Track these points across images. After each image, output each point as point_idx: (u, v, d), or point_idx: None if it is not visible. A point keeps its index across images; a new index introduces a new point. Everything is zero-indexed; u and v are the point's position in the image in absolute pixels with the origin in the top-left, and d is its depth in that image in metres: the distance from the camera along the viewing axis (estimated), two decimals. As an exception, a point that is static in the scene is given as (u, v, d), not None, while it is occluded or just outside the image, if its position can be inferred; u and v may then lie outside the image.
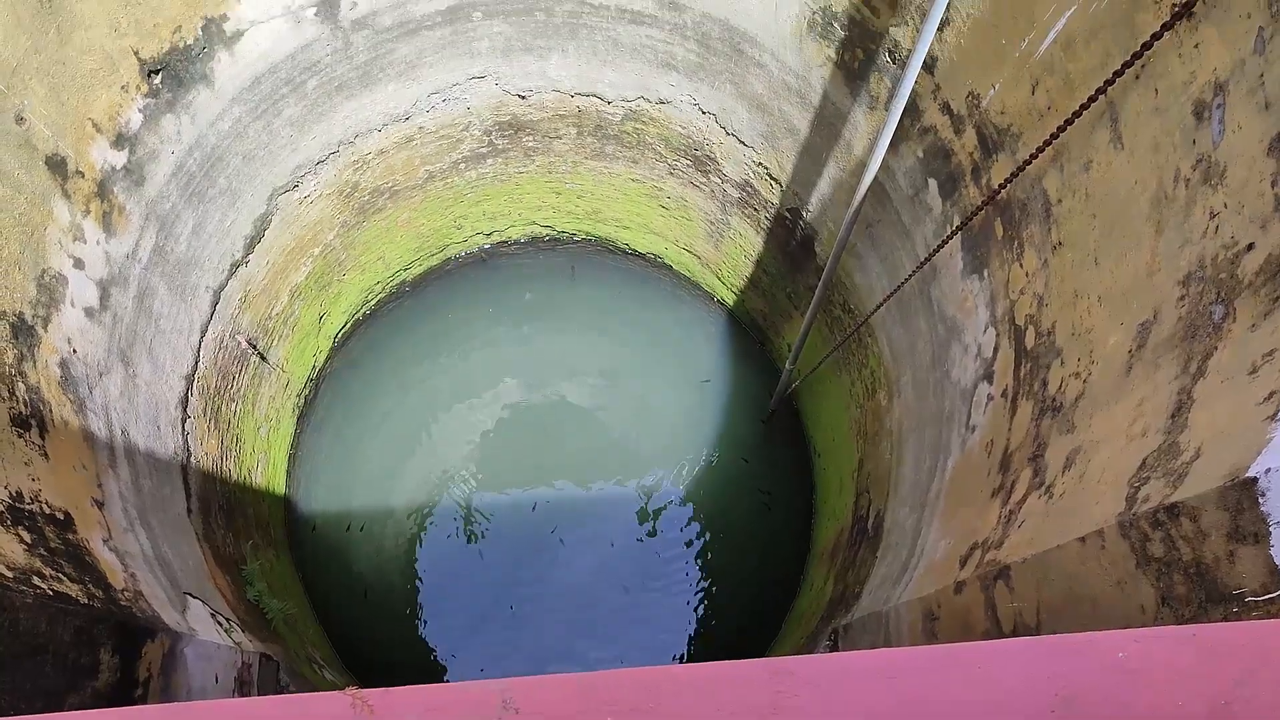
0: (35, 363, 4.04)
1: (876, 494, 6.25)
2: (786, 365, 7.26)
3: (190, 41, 4.70)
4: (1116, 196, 3.29)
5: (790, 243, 6.90)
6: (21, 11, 3.72)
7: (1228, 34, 2.71)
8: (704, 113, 6.40)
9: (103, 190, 4.52)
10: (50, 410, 4.07)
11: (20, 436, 3.76)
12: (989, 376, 4.37)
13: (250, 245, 6.16)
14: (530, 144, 7.30)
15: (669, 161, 7.20)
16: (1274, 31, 2.51)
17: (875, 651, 1.47)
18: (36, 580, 3.29)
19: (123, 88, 4.43)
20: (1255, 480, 2.04)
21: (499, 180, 7.79)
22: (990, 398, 4.31)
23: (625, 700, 1.39)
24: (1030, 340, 3.95)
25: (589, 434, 8.48)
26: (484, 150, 7.25)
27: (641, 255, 8.85)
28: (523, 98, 6.65)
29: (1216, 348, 2.56)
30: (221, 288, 6.01)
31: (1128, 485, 2.69)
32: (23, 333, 3.96)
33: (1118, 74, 3.11)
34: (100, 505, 4.26)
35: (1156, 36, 2.92)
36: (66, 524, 3.82)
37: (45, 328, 4.15)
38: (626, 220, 8.41)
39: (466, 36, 5.87)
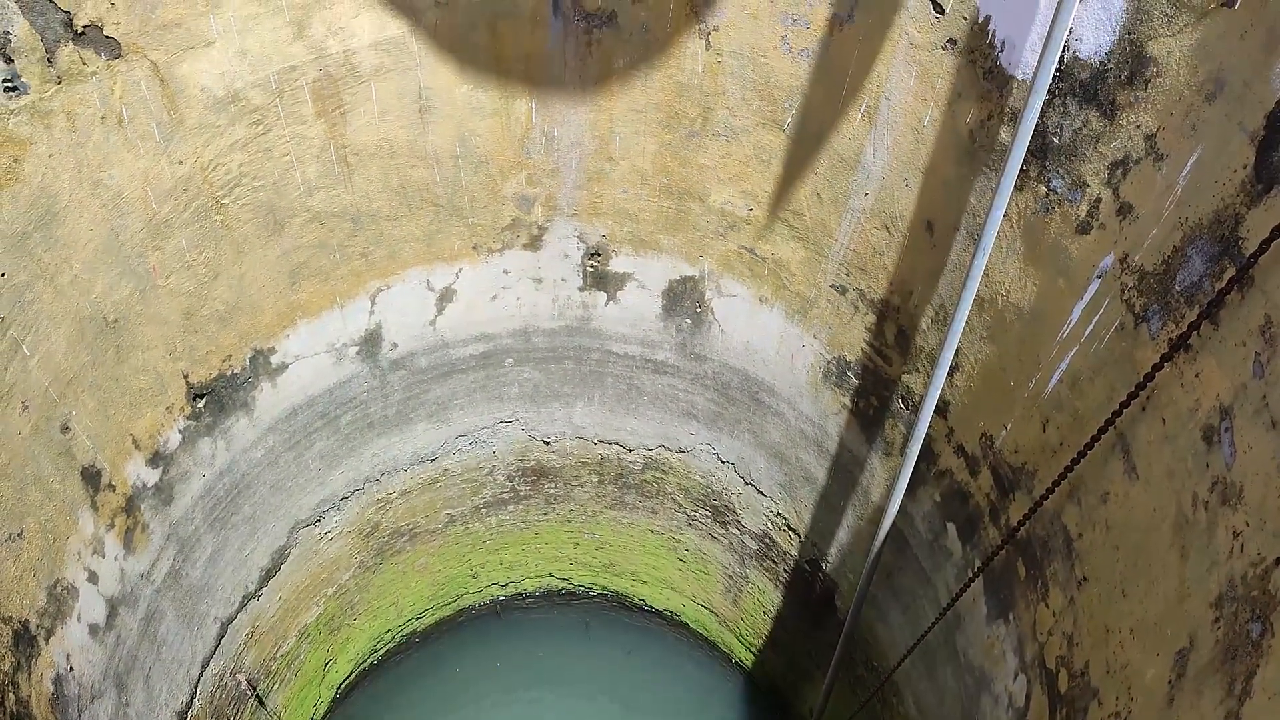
0: (30, 675, 3.90)
1: None
2: (808, 732, 6.90)
3: (237, 370, 4.97)
4: (1137, 526, 3.29)
5: (810, 596, 6.79)
6: (87, 329, 3.99)
7: (1225, 362, 2.84)
8: (723, 462, 6.55)
9: (130, 506, 4.59)
10: (35, 727, 3.88)
11: (0, 751, 3.57)
12: (1024, 727, 4.14)
13: (265, 578, 6.12)
14: (552, 491, 7.42)
15: (688, 512, 7.28)
16: (1270, 355, 2.63)
17: None
18: None
19: (167, 408, 4.63)
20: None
21: (519, 527, 7.84)
22: (1027, 750, 4.06)
23: None
24: (1064, 684, 3.78)
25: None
26: (506, 496, 7.37)
27: (658, 613, 8.69)
28: (547, 444, 6.86)
29: (1259, 665, 2.45)
30: (230, 620, 5.90)
31: (1184, 822, 2.48)
32: (24, 642, 3.87)
33: (1124, 405, 3.23)
34: (67, 840, 3.95)
35: (1157, 368, 3.06)
36: None
37: (47, 640, 4.05)
38: (644, 574, 8.34)
39: (498, 381, 6.18)
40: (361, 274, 5.24)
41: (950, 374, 4.48)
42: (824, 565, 6.41)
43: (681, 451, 6.71)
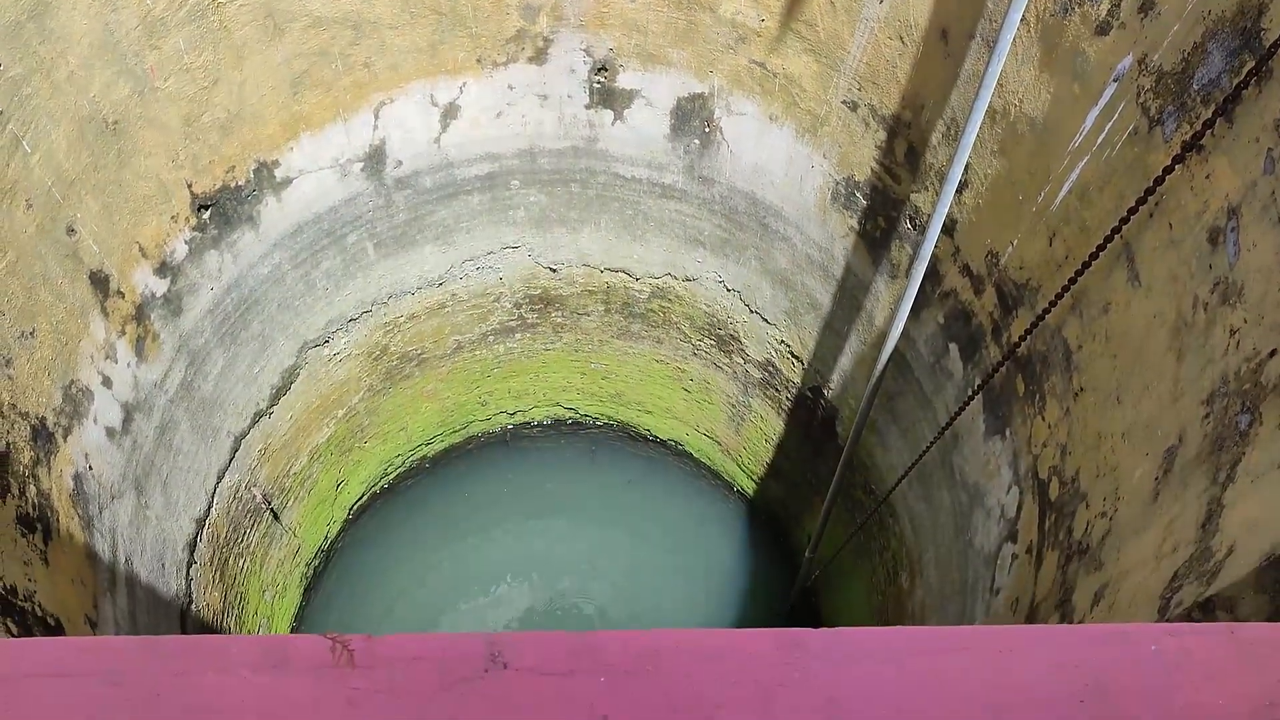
0: (50, 470, 4.02)
1: (897, 683, 5.96)
2: (806, 554, 7.11)
3: (242, 182, 4.94)
4: (1136, 333, 3.31)
5: (811, 424, 6.90)
6: (87, 130, 3.95)
7: (1237, 161, 2.80)
8: (729, 290, 6.56)
9: (140, 314, 4.63)
10: (58, 519, 4.02)
11: (24, 536, 3.70)
12: (1013, 536, 4.26)
13: (276, 397, 6.23)
14: (559, 320, 7.46)
15: (693, 342, 7.33)
16: (1282, 149, 2.59)
17: (893, 629, 1.38)
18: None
19: (172, 218, 4.63)
20: (1292, 555, 1.96)
21: (526, 356, 7.92)
22: (1014, 556, 4.19)
23: (621, 663, 1.31)
24: (1055, 491, 3.87)
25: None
26: (513, 324, 7.42)
27: (663, 442, 8.86)
28: (554, 270, 6.86)
29: (1244, 453, 2.50)
30: (243, 435, 6.04)
31: (1159, 599, 2.57)
32: (42, 437, 3.97)
33: (1132, 211, 3.20)
34: (93, 625, 4.14)
35: (1168, 170, 3.02)
36: (56, 630, 3.69)
37: (65, 438, 4.16)
38: (649, 404, 8.47)
39: (504, 204, 6.13)
40: (364, 85, 5.14)
41: (959, 191, 4.43)
42: (826, 392, 6.49)
43: (688, 280, 6.71)
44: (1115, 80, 3.39)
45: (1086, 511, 3.51)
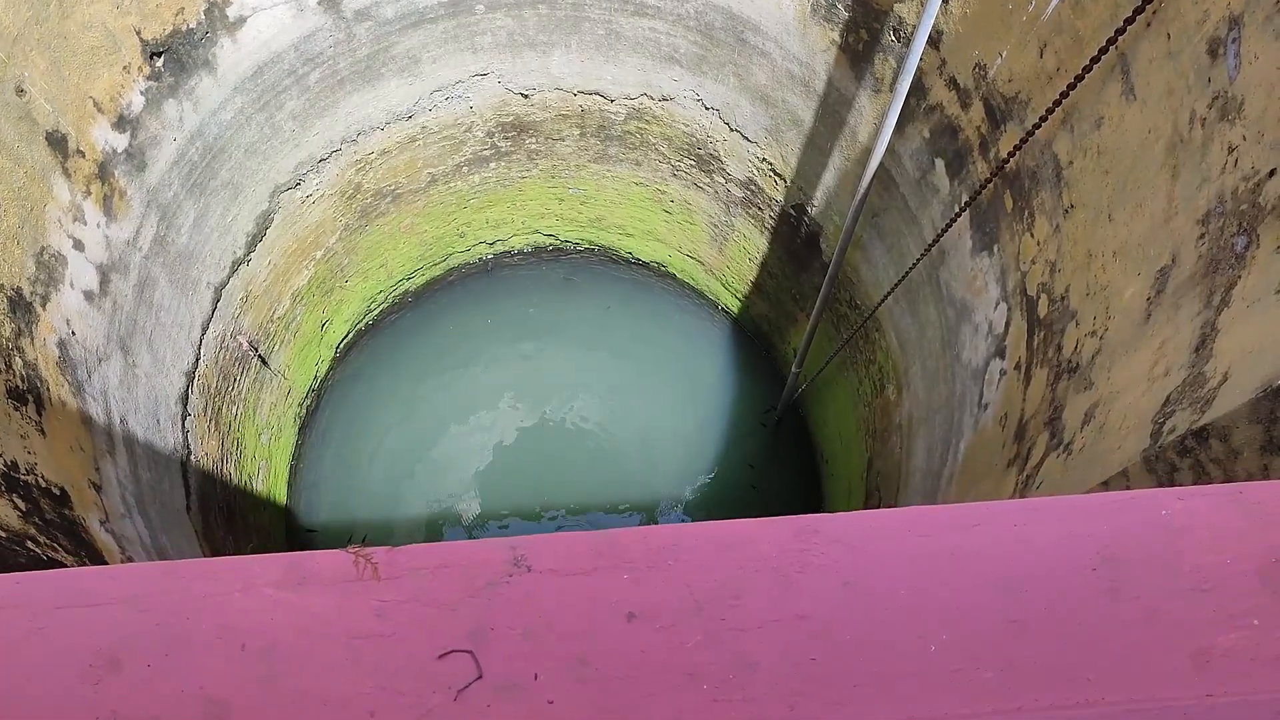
0: (33, 339, 3.98)
1: (887, 491, 6.16)
2: (793, 369, 7.20)
3: (193, 25, 4.69)
4: (1129, 149, 3.24)
5: (795, 241, 6.86)
6: (22, -20, 3.71)
7: (1242, -34, 2.67)
8: (707, 108, 6.38)
9: (103, 172, 4.48)
10: (48, 388, 4.00)
11: (17, 410, 3.70)
12: (1001, 352, 4.30)
13: (252, 243, 6.12)
14: (533, 146, 7.28)
15: (672, 163, 7.18)
16: (1291, -45, 2.47)
17: (906, 509, 1.40)
18: (31, 545, 3.21)
19: (125, 68, 4.41)
20: (1289, 386, 1.98)
21: (502, 185, 7.77)
22: (1003, 372, 4.25)
23: (642, 558, 1.32)
24: (1044, 309, 3.88)
25: (592, 453, 8.39)
26: (487, 153, 7.24)
27: (645, 264, 8.82)
28: (525, 96, 6.64)
29: (1240, 277, 2.49)
30: (223, 285, 5.96)
31: (1151, 423, 2.62)
32: (20, 308, 3.91)
33: (1129, 21, 3.08)
34: (98, 488, 4.19)
35: (1169, -23, 2.89)
36: (63, 500, 3.74)
37: (44, 306, 4.10)
38: (630, 227, 8.38)
39: (469, 30, 5.87)
40: (312, -88, 4.83)
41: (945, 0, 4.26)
42: (809, 209, 6.42)
43: (664, 99, 6.51)
44: (1113, -123, 3.20)
45: (1076, 330, 3.53)
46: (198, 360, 5.80)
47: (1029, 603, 1.27)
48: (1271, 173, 2.47)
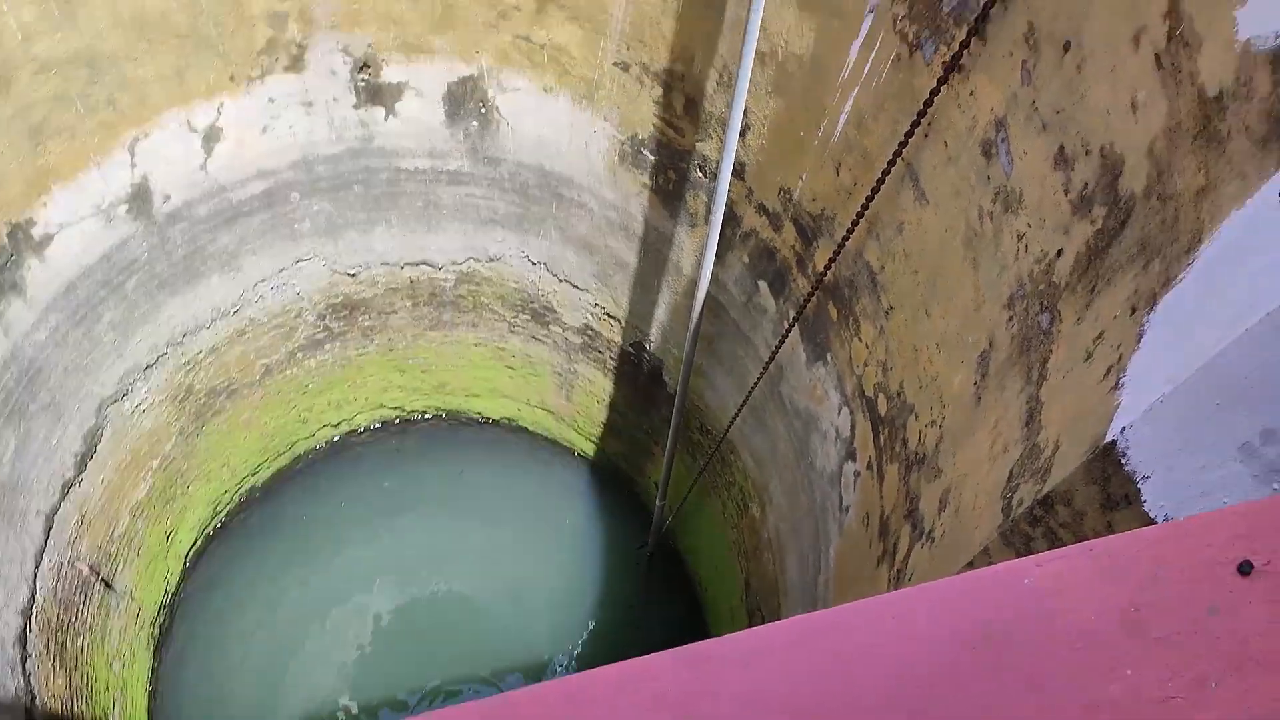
0: None
1: (767, 609, 6.19)
2: (657, 502, 7.24)
3: (-4, 250, 4.56)
4: (932, 248, 3.49)
5: (639, 378, 7.00)
6: None
7: (996, 75, 2.97)
8: (534, 263, 6.53)
9: (-90, 414, 4.23)
10: None
11: None
12: (851, 455, 4.46)
13: (82, 463, 5.83)
14: (367, 323, 7.26)
15: (508, 320, 7.27)
16: (1035, 61, 2.76)
17: (787, 621, 1.43)
18: None
19: (-75, 303, 4.23)
20: (1114, 444, 2.13)
21: (340, 365, 7.68)
22: (857, 474, 4.39)
23: (535, 714, 1.31)
24: (883, 407, 4.07)
25: (468, 622, 8.13)
26: (321, 335, 7.17)
27: (496, 422, 8.79)
28: (353, 275, 6.65)
29: (1051, 351, 2.69)
30: (54, 511, 5.63)
31: (1001, 499, 2.75)
32: None
33: (908, 135, 3.35)
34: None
35: (935, 92, 3.18)
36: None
37: None
38: (475, 388, 8.38)
39: (287, 219, 5.88)
40: (113, 125, 4.80)
41: (742, 134, 4.54)
42: (648, 345, 6.58)
43: (492, 260, 6.63)
44: (871, 12, 3.52)
45: (917, 422, 3.71)
46: (34, 595, 5.41)
47: (917, 690, 1.31)
48: (1059, 253, 2.70)
